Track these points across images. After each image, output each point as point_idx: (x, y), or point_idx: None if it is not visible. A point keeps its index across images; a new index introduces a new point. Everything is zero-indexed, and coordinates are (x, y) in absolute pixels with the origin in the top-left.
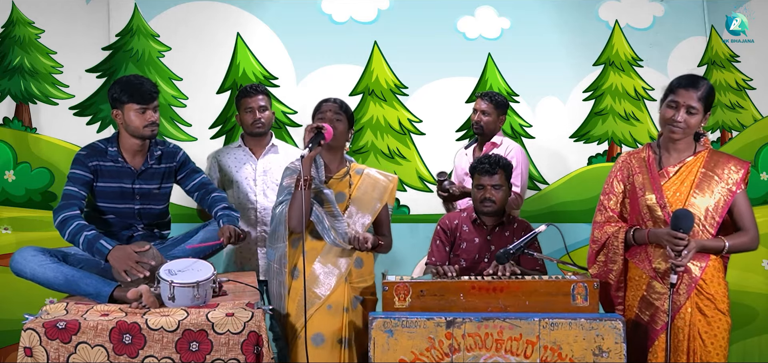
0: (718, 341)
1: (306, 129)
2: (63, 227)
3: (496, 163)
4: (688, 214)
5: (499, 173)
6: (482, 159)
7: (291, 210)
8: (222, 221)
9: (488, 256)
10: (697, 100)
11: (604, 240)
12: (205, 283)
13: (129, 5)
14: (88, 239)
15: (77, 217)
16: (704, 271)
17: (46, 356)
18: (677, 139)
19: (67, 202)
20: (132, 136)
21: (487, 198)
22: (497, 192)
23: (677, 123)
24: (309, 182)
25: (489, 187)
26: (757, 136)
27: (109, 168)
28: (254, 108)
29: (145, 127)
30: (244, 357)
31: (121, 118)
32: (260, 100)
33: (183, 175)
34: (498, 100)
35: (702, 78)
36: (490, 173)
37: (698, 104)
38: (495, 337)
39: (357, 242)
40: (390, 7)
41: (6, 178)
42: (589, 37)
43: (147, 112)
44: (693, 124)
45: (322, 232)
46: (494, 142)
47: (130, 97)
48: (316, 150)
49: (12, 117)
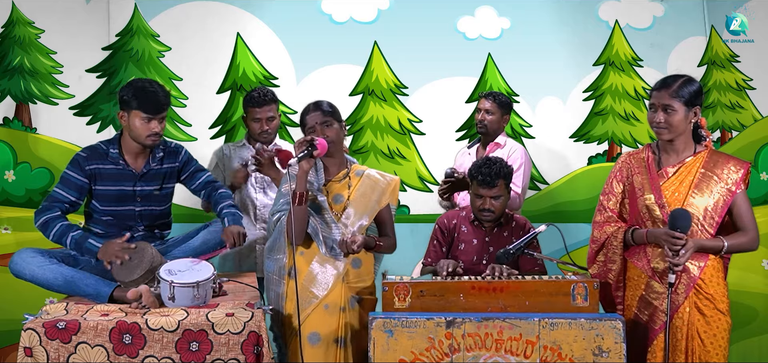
0: (717, 341)
1: (297, 143)
2: (46, 229)
3: (497, 174)
4: (685, 213)
5: (498, 185)
6: (481, 167)
7: (289, 224)
8: (226, 220)
9: (487, 257)
10: (670, 97)
11: (604, 240)
12: (205, 283)
13: (129, 5)
14: (76, 239)
15: (60, 219)
16: (703, 271)
17: (46, 356)
18: (665, 139)
19: (49, 204)
20: (134, 141)
21: (486, 209)
22: (496, 202)
23: (658, 124)
24: (304, 196)
25: (488, 198)
26: (757, 136)
27: (110, 171)
28: (262, 119)
29: (147, 137)
30: (244, 357)
31: (126, 120)
32: (268, 110)
33: (187, 175)
34: (502, 99)
35: (678, 76)
36: (489, 185)
37: (673, 101)
38: (495, 337)
39: (345, 246)
40: (390, 7)
41: (6, 178)
42: (589, 37)
43: (152, 122)
44: (675, 122)
45: (317, 243)
46: (498, 142)
47: (139, 104)
48: (310, 163)
49: (12, 117)
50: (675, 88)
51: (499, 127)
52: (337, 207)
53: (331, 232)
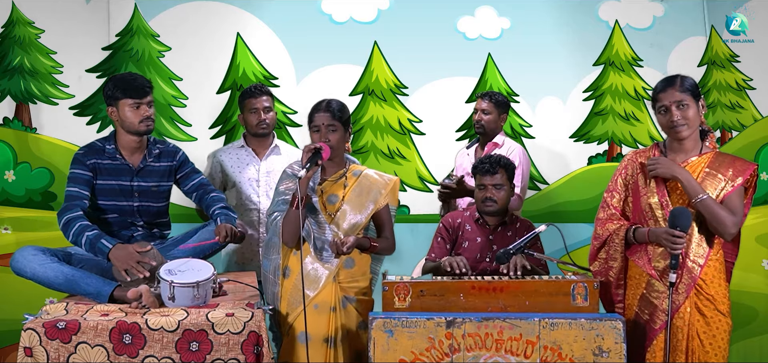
0: (716, 342)
1: (304, 149)
2: (67, 229)
3: (497, 162)
4: (685, 212)
5: (500, 172)
6: (483, 159)
7: (284, 226)
8: (219, 219)
9: (490, 256)
10: (681, 92)
11: (606, 237)
12: (205, 283)
13: (129, 5)
14: (90, 239)
15: (80, 219)
16: (703, 271)
17: (46, 356)
18: (685, 136)
19: (69, 203)
20: (128, 133)
21: (488, 197)
22: (498, 191)
23: (677, 122)
24: (305, 202)
25: (490, 186)
26: (757, 136)
27: (108, 166)
28: (259, 108)
29: (140, 122)
30: (244, 357)
31: (116, 114)
32: (264, 100)
33: (182, 175)
34: (499, 99)
35: (675, 75)
36: (491, 173)
37: (684, 95)
38: (495, 337)
39: (335, 247)
40: (390, 7)
41: (6, 178)
42: (589, 37)
43: (141, 107)
44: (691, 116)
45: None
46: (496, 142)
47: (124, 93)
48: (314, 170)
49: (12, 117)
50: (680, 83)
51: (496, 127)
52: (331, 207)
53: (323, 234)
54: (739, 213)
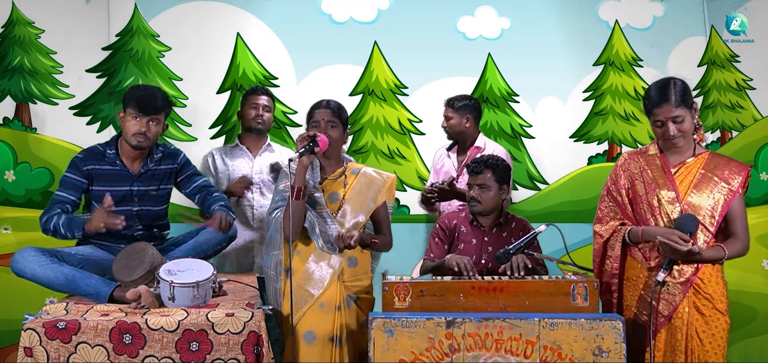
0: (716, 341)
1: (299, 137)
2: (46, 226)
3: (483, 162)
4: (691, 218)
5: (483, 173)
6: (474, 159)
7: (285, 219)
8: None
9: (486, 257)
10: (676, 107)
11: (607, 237)
12: (205, 283)
13: (129, 5)
14: (68, 219)
15: (58, 215)
16: (702, 271)
17: (46, 356)
18: (681, 146)
19: (50, 206)
20: (124, 141)
21: (472, 197)
22: (483, 192)
23: (673, 137)
24: (302, 191)
25: (475, 186)
26: (757, 136)
27: (106, 172)
28: (259, 105)
29: (132, 135)
30: (244, 357)
31: (122, 120)
32: (266, 100)
33: (183, 178)
34: (459, 104)
35: (667, 84)
36: (475, 173)
37: (679, 110)
38: (495, 337)
39: (341, 241)
40: (390, 7)
41: (6, 178)
42: (589, 37)
43: (140, 120)
44: (687, 128)
45: (313, 237)
46: (478, 146)
47: (130, 103)
48: (310, 158)
49: (12, 117)
50: (675, 97)
51: (466, 130)
52: (332, 205)
53: (327, 227)
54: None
